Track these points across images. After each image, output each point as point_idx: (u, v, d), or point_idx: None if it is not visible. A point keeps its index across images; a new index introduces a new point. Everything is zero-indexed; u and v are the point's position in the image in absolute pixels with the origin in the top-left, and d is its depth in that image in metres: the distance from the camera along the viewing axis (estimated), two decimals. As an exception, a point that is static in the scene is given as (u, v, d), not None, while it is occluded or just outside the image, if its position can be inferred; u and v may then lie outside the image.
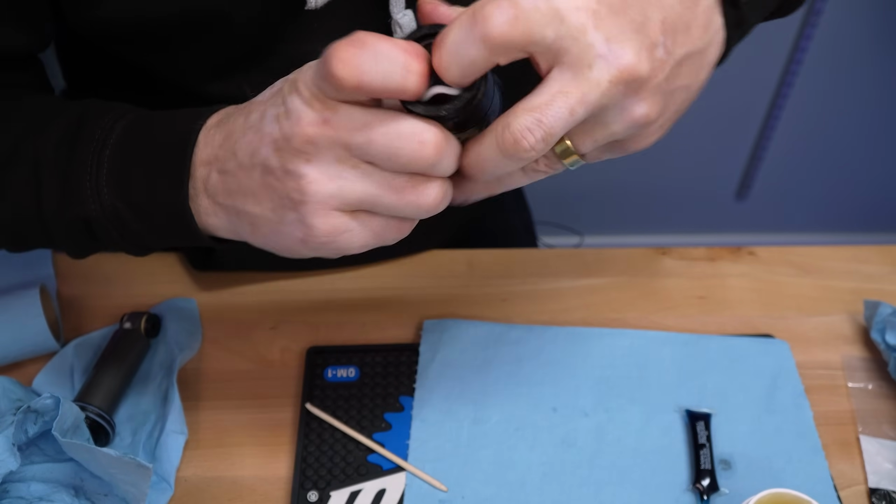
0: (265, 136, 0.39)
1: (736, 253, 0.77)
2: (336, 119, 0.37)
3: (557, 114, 0.37)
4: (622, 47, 0.36)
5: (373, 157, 0.38)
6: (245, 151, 0.40)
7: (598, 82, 0.36)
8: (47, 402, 0.51)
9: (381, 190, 0.39)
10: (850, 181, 1.73)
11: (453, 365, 0.65)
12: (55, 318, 0.67)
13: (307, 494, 0.57)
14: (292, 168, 0.38)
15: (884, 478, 0.60)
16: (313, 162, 0.38)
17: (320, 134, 0.37)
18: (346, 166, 0.38)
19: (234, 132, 0.41)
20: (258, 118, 0.40)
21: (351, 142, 0.37)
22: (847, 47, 1.48)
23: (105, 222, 0.46)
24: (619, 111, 0.38)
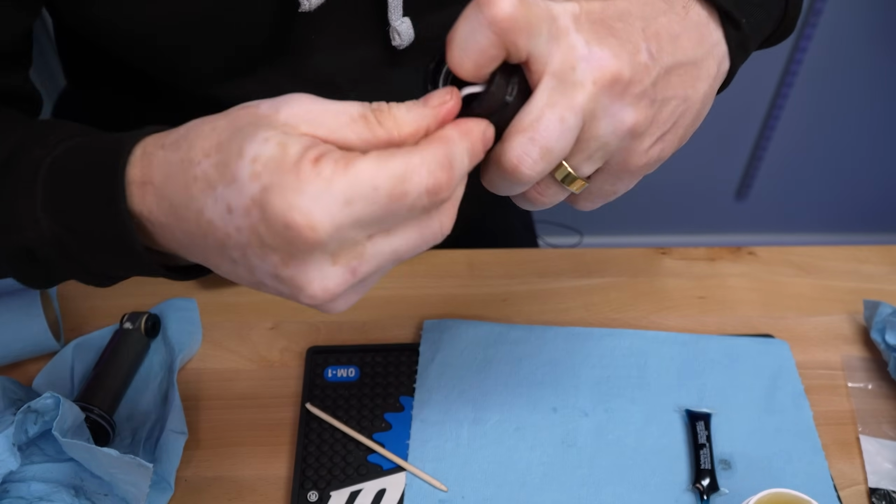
0: (267, 287, 0.36)
1: (736, 253, 0.77)
2: (363, 266, 0.34)
3: (549, 126, 0.36)
4: (601, 49, 0.37)
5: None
6: (239, 278, 0.36)
7: (582, 84, 0.37)
8: (47, 401, 0.51)
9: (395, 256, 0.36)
10: (849, 181, 1.73)
11: (453, 365, 0.65)
12: (55, 318, 0.67)
13: (307, 494, 0.57)
14: (292, 276, 0.34)
15: (884, 478, 0.60)
16: (336, 302, 0.36)
17: (347, 287, 0.35)
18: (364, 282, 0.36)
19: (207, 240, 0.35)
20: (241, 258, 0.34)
21: (378, 272, 0.36)
22: (846, 47, 1.48)
23: (48, 249, 0.40)
24: (607, 118, 0.38)
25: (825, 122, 1.61)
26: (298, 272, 0.34)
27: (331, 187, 0.32)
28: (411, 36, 0.56)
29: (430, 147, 0.34)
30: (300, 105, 0.34)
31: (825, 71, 1.51)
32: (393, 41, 0.56)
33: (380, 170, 0.32)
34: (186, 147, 0.35)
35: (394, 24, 0.55)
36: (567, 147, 0.38)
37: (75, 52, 0.70)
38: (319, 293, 0.34)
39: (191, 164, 0.34)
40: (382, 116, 0.34)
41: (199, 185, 0.34)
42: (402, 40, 0.56)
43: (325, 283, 0.34)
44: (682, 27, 0.41)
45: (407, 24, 0.56)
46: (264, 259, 0.34)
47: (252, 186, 0.32)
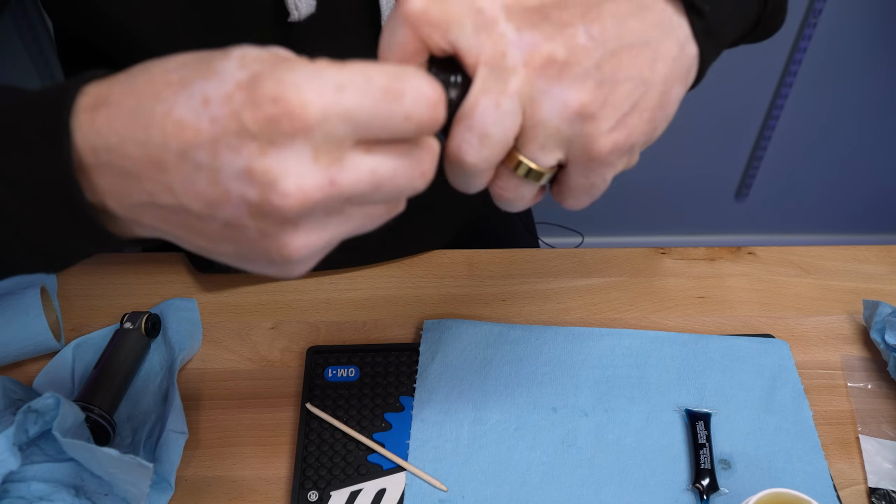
0: (231, 196, 0.32)
1: (736, 253, 0.77)
2: (343, 177, 0.32)
3: (484, 113, 0.36)
4: (532, 34, 0.36)
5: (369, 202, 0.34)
6: (192, 199, 0.32)
7: (513, 69, 0.36)
8: (48, 401, 0.51)
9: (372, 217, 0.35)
10: (849, 181, 1.73)
11: (453, 365, 0.65)
12: (55, 318, 0.67)
13: (307, 494, 0.57)
14: (274, 235, 0.32)
15: (883, 477, 0.60)
16: (301, 227, 0.33)
17: (321, 198, 0.32)
18: (334, 215, 0.34)
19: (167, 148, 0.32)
20: (208, 160, 0.31)
21: (353, 196, 0.33)
22: (846, 47, 1.48)
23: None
24: (548, 101, 0.37)
25: (825, 122, 1.61)
26: (276, 162, 0.31)
27: (323, 72, 0.31)
28: None
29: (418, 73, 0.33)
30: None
31: (825, 71, 1.51)
32: None
33: (376, 65, 0.32)
34: (158, 65, 0.33)
35: None
36: (507, 133, 0.37)
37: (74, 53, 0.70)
38: (293, 191, 0.31)
39: (164, 72, 0.32)
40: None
41: (171, 87, 0.32)
42: None
43: (301, 180, 0.31)
44: (632, 10, 0.40)
45: None
46: (238, 151, 0.31)
47: (239, 73, 0.31)
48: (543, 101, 0.37)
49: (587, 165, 0.40)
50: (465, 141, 0.36)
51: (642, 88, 0.40)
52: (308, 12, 0.51)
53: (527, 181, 0.39)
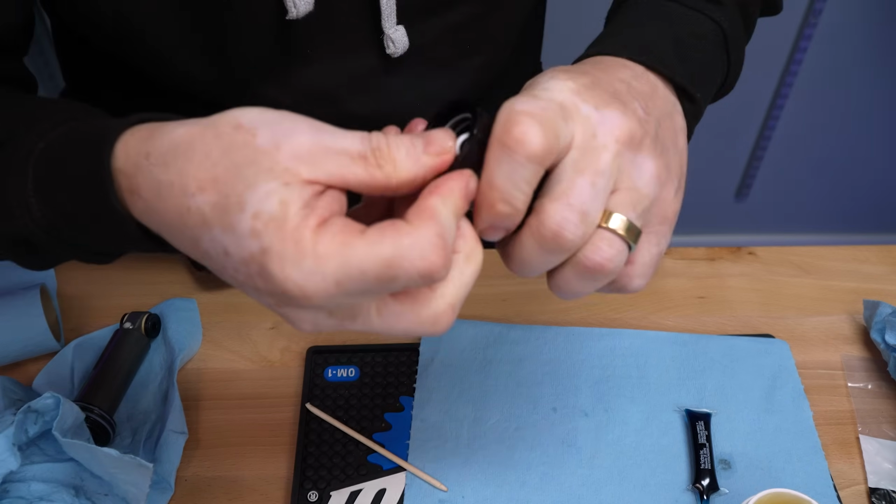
0: (259, 297, 0.35)
1: (736, 253, 0.77)
2: (357, 321, 0.36)
3: (582, 191, 0.37)
4: (611, 111, 0.38)
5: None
6: (222, 273, 0.36)
7: (605, 147, 0.38)
8: (48, 401, 0.51)
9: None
10: (849, 181, 1.73)
11: (453, 365, 0.65)
12: (55, 318, 0.67)
13: (307, 494, 0.57)
14: (286, 313, 0.36)
15: (884, 478, 0.60)
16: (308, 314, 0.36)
17: (337, 328, 0.36)
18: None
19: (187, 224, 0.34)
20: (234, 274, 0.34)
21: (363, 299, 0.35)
22: (846, 47, 1.48)
23: (43, 236, 0.40)
24: (634, 170, 0.39)
25: (825, 122, 1.61)
26: (293, 314, 0.35)
27: (324, 267, 0.32)
28: (405, 44, 0.56)
29: (421, 229, 0.33)
30: (300, 141, 0.33)
31: (825, 71, 1.51)
32: (387, 49, 0.56)
33: (372, 254, 0.33)
34: (176, 171, 0.34)
35: (388, 32, 0.55)
36: (601, 208, 0.38)
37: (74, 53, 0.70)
38: (311, 329, 0.36)
39: (183, 193, 0.34)
40: (382, 159, 0.34)
41: (193, 218, 0.34)
42: (396, 48, 0.56)
43: (318, 325, 0.36)
44: (651, 88, 0.43)
45: (401, 32, 0.56)
46: (261, 296, 0.35)
47: (252, 244, 0.33)
48: (631, 171, 0.39)
49: (660, 232, 0.41)
50: (566, 219, 0.37)
51: (679, 156, 0.43)
52: (306, 10, 0.51)
53: (625, 243, 0.39)
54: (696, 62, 0.48)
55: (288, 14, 0.51)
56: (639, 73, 0.44)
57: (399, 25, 0.56)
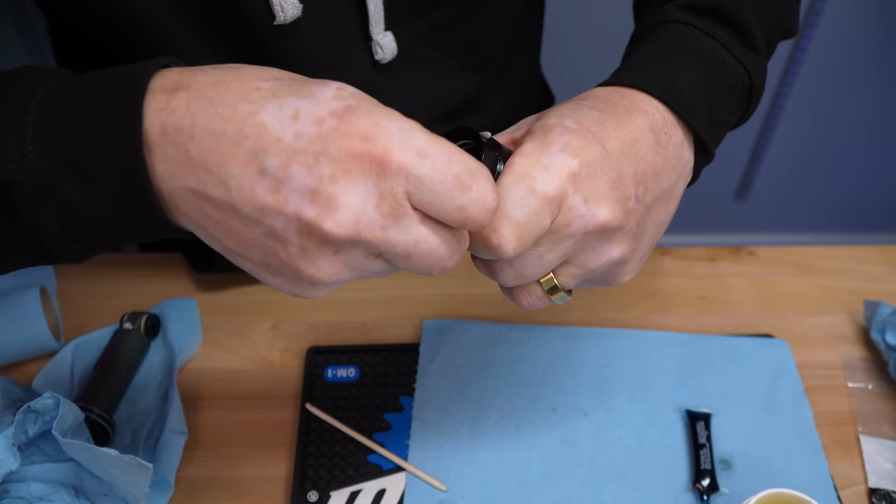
0: (288, 207, 0.33)
1: (736, 253, 0.77)
2: (393, 232, 0.34)
3: (529, 260, 0.42)
4: (598, 206, 0.41)
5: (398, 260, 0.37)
6: (246, 200, 0.33)
7: (572, 235, 0.41)
8: (47, 402, 0.51)
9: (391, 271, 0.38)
10: (850, 181, 1.73)
11: (453, 365, 0.65)
12: (55, 318, 0.67)
13: (307, 494, 0.57)
14: (313, 256, 0.34)
15: (884, 478, 0.60)
16: (340, 254, 0.35)
17: (369, 239, 0.34)
18: (371, 258, 0.36)
19: (241, 141, 0.33)
20: (277, 168, 0.33)
21: (392, 251, 0.35)
22: (847, 48, 1.48)
23: (29, 188, 0.35)
24: (594, 253, 0.43)
25: (825, 121, 1.61)
26: (343, 192, 0.33)
27: (413, 133, 0.33)
28: (394, 49, 0.57)
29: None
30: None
31: (825, 71, 1.51)
32: (376, 55, 0.57)
33: (458, 154, 0.34)
34: (248, 69, 0.35)
35: (376, 38, 0.56)
36: (539, 275, 0.43)
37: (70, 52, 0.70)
38: (349, 223, 0.33)
39: (257, 77, 0.34)
40: None
41: (261, 92, 0.34)
42: (385, 54, 0.56)
43: (359, 216, 0.33)
44: (663, 158, 0.45)
45: (389, 38, 0.56)
46: (311, 171, 0.32)
47: (335, 103, 0.33)
48: (590, 254, 0.43)
49: (595, 285, 0.47)
50: (503, 271, 0.42)
51: (657, 232, 0.47)
52: (294, 14, 0.51)
53: (548, 295, 0.45)
54: (721, 114, 0.50)
55: (276, 19, 0.51)
56: (661, 123, 0.46)
57: (387, 32, 0.56)
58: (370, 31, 0.55)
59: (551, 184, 0.40)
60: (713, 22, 0.51)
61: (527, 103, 0.78)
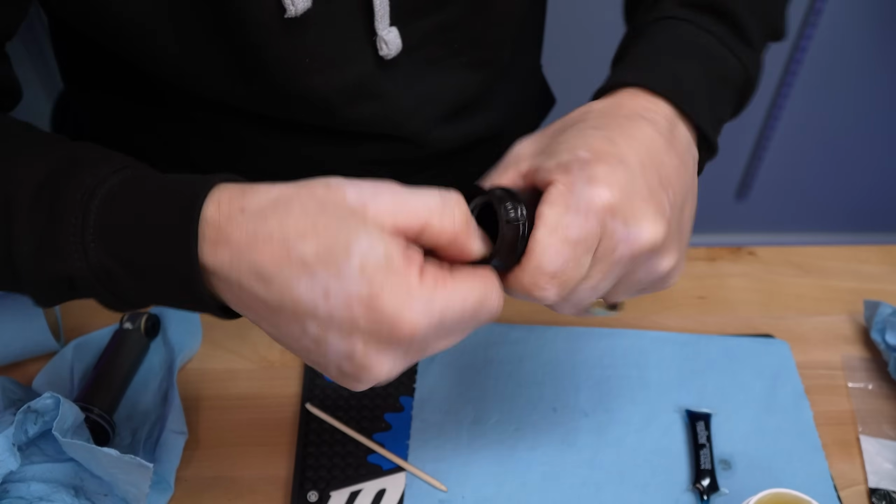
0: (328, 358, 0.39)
1: (736, 253, 0.77)
2: (422, 356, 0.40)
3: (581, 291, 0.42)
4: (639, 226, 0.41)
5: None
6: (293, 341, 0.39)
7: (618, 261, 0.42)
8: (47, 402, 0.51)
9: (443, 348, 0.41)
10: (850, 181, 1.73)
11: (453, 365, 0.65)
12: (55, 318, 0.67)
13: (307, 494, 0.57)
14: (367, 357, 0.38)
15: (884, 478, 0.60)
16: (391, 356, 0.38)
17: (401, 370, 0.39)
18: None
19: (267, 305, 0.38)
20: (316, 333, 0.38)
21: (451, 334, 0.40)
22: (847, 47, 1.48)
23: (91, 279, 0.40)
24: (644, 270, 0.43)
25: (825, 121, 1.61)
26: (375, 359, 0.37)
27: (433, 302, 0.37)
28: (398, 45, 0.57)
29: (495, 275, 0.40)
30: (385, 200, 0.38)
31: (825, 71, 1.51)
32: (380, 51, 0.56)
33: (471, 292, 0.38)
34: (276, 223, 0.37)
35: (381, 34, 0.55)
36: (590, 299, 0.43)
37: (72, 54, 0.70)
38: (383, 377, 0.38)
39: (284, 241, 0.36)
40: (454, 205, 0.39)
41: (294, 264, 0.36)
42: (389, 50, 0.56)
43: (391, 370, 0.38)
44: (680, 159, 0.45)
45: (394, 34, 0.56)
46: (345, 341, 0.37)
47: (360, 284, 0.36)
48: (640, 271, 0.43)
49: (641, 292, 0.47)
50: (559, 307, 0.43)
51: (691, 219, 0.47)
52: (304, 7, 0.51)
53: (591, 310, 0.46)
54: (719, 110, 0.51)
55: (286, 12, 0.51)
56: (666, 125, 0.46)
57: (392, 27, 0.56)
58: (375, 27, 0.55)
59: (585, 226, 0.40)
60: (711, 18, 0.52)
61: (527, 102, 0.78)
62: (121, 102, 0.67)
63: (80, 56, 0.68)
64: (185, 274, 0.38)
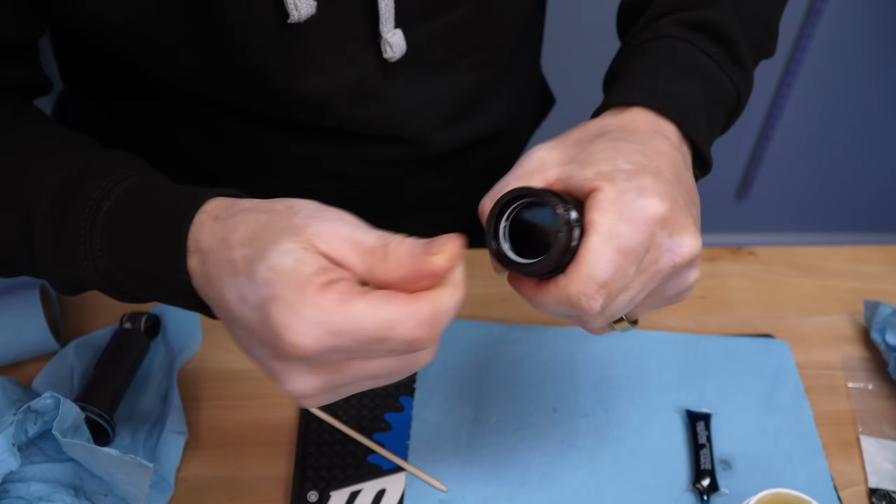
0: (260, 360, 0.39)
1: (736, 253, 0.77)
2: (339, 378, 0.38)
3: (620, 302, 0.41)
4: (682, 238, 0.42)
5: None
6: (236, 317, 0.39)
7: (660, 271, 0.42)
8: (47, 402, 0.51)
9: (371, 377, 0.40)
10: (850, 181, 1.73)
11: (453, 365, 0.65)
12: (55, 318, 0.67)
13: (307, 494, 0.57)
14: (274, 368, 0.39)
15: (884, 478, 0.60)
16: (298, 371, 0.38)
17: (322, 384, 0.38)
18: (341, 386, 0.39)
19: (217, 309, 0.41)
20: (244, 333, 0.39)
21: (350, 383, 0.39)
22: (847, 47, 1.48)
23: (100, 283, 0.45)
24: (678, 281, 0.44)
25: (825, 122, 1.61)
26: (281, 369, 0.38)
27: (324, 317, 0.35)
28: (403, 48, 0.56)
29: (421, 303, 0.36)
30: (328, 225, 0.38)
31: (825, 71, 1.51)
32: (385, 53, 0.56)
33: (373, 313, 0.35)
34: (230, 230, 0.39)
35: (385, 37, 0.55)
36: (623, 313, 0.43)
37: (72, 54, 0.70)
38: (292, 390, 0.38)
39: (228, 247, 0.39)
40: (388, 255, 0.37)
41: (227, 267, 0.38)
42: (393, 52, 0.56)
43: (298, 385, 0.38)
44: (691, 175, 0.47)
45: (399, 36, 0.56)
46: (258, 348, 0.38)
47: (263, 290, 0.36)
48: (673, 283, 0.44)
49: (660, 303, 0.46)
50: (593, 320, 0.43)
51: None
52: (308, 13, 0.50)
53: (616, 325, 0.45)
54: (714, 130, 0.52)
55: (290, 17, 0.50)
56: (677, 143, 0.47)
57: (396, 29, 0.55)
58: (380, 29, 0.55)
59: (636, 236, 0.40)
60: (707, 39, 0.52)
61: (527, 102, 0.78)
62: (121, 103, 0.67)
63: (79, 57, 0.68)
64: (174, 284, 0.42)
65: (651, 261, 0.41)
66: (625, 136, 0.44)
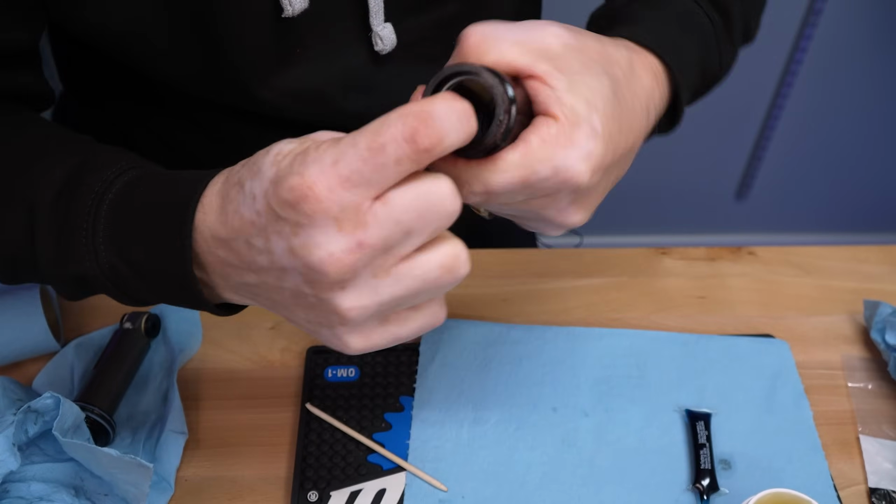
0: (287, 272, 0.37)
1: (736, 253, 0.77)
2: (368, 235, 0.35)
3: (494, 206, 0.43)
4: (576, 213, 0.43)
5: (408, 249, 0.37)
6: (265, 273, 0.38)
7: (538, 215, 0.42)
8: (47, 401, 0.51)
9: (418, 284, 0.38)
10: (850, 181, 1.73)
11: (453, 365, 0.65)
12: (55, 318, 0.67)
13: (307, 494, 0.57)
14: (328, 298, 0.36)
15: (884, 478, 0.60)
16: (349, 288, 0.36)
17: (356, 260, 0.35)
18: (381, 276, 0.37)
19: (239, 237, 0.38)
20: (264, 245, 0.37)
21: (389, 247, 0.36)
22: (847, 47, 1.48)
23: (103, 279, 0.44)
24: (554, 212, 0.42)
25: (825, 121, 1.61)
26: (307, 238, 0.35)
27: (323, 154, 0.35)
28: (393, 41, 0.57)
29: (408, 105, 0.35)
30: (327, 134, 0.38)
31: (825, 71, 1.51)
32: (375, 46, 0.57)
33: (359, 132, 0.35)
34: (232, 170, 0.40)
35: (376, 30, 0.56)
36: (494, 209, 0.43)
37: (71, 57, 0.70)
38: (327, 259, 0.35)
39: (239, 183, 0.38)
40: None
41: (236, 188, 0.38)
42: (384, 45, 0.57)
43: (330, 248, 0.34)
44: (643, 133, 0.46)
45: (389, 30, 0.56)
46: (280, 234, 0.36)
47: (270, 171, 0.36)
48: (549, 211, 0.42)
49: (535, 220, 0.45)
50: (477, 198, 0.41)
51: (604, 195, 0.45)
52: (301, 8, 0.51)
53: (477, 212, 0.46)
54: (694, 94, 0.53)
55: (284, 12, 0.51)
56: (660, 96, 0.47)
57: (386, 23, 0.56)
58: (370, 23, 0.55)
59: (545, 185, 0.40)
60: (710, 5, 0.54)
61: None
62: (120, 104, 0.68)
63: (78, 59, 0.68)
64: (181, 277, 0.41)
65: (540, 206, 0.41)
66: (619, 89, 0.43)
